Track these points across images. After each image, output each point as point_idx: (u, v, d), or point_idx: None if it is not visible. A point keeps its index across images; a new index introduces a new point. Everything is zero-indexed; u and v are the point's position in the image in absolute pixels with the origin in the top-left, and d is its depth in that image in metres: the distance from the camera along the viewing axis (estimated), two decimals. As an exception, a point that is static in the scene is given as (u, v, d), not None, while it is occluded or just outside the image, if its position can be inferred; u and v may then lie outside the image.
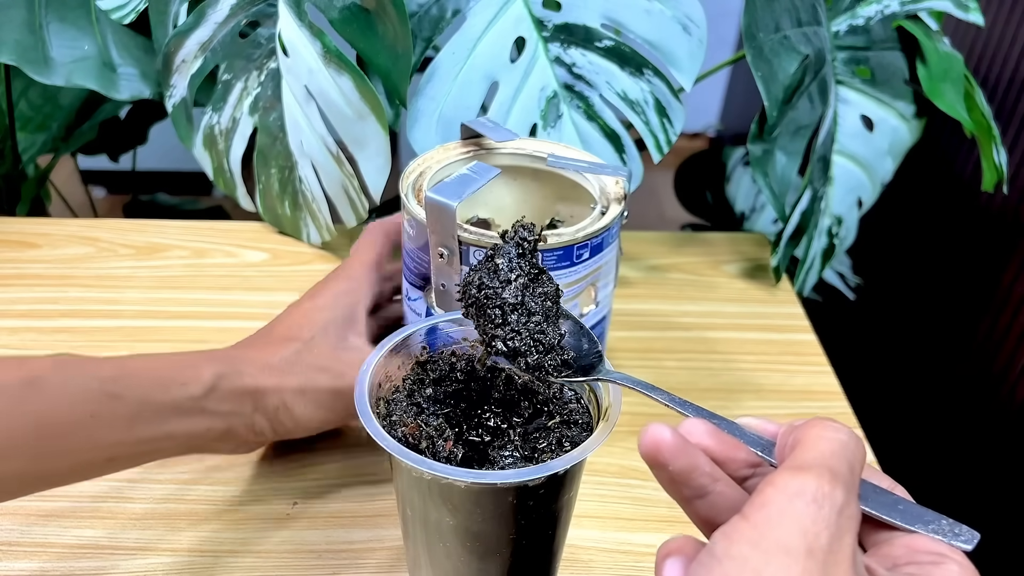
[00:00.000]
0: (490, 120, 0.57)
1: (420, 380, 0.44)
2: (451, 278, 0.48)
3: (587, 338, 0.41)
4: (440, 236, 0.46)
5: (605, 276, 0.52)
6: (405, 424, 0.40)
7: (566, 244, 0.47)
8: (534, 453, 0.40)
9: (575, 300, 0.51)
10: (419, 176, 0.52)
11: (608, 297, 0.55)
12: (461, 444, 0.40)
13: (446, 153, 0.55)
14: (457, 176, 0.47)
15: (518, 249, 0.40)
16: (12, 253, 0.72)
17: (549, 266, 0.47)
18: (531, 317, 0.39)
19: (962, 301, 0.92)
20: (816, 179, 0.73)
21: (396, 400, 0.42)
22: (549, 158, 0.53)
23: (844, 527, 0.28)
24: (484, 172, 0.47)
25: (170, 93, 0.73)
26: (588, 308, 0.53)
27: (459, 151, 0.55)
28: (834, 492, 0.28)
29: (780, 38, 0.68)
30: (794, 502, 0.27)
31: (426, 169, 0.53)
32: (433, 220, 0.46)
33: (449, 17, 0.64)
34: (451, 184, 0.46)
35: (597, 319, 0.54)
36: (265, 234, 0.77)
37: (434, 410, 0.42)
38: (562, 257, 0.48)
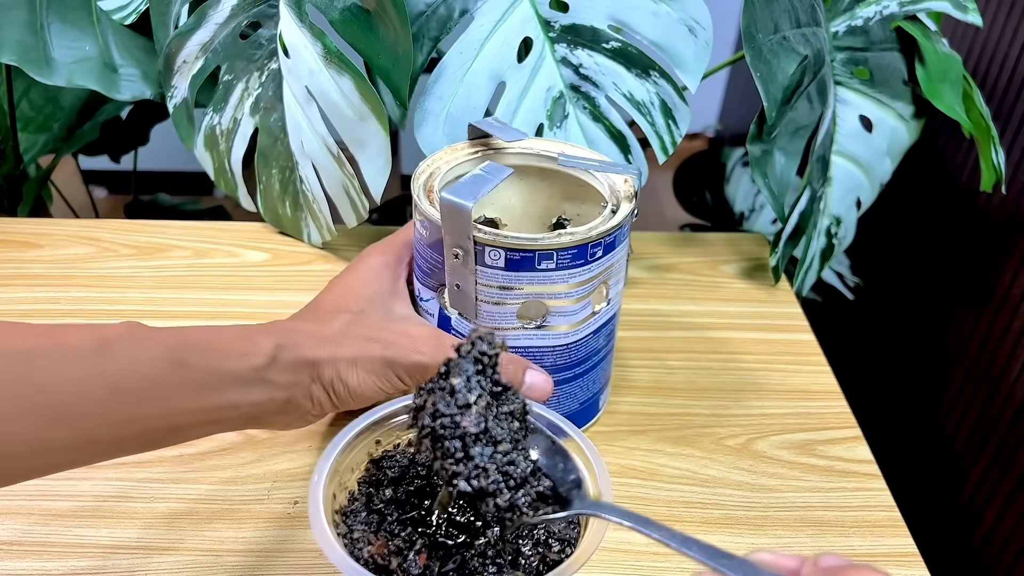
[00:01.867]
0: (497, 120, 0.57)
1: (377, 482, 0.41)
2: (466, 278, 0.49)
3: (561, 456, 0.36)
4: (455, 236, 0.47)
5: (616, 274, 0.53)
6: (370, 542, 0.37)
7: (580, 243, 0.48)
8: (519, 558, 0.38)
9: (588, 298, 0.52)
10: (429, 177, 0.53)
11: (619, 295, 0.55)
12: (436, 557, 0.37)
13: (455, 154, 0.55)
14: (470, 176, 0.47)
15: (476, 365, 0.34)
16: (13, 253, 0.73)
17: (563, 265, 0.48)
18: (497, 447, 0.33)
19: (961, 301, 0.92)
20: (815, 179, 0.73)
21: (354, 512, 0.39)
22: (560, 157, 0.54)
23: None
24: (497, 172, 0.48)
25: (171, 94, 0.73)
26: (600, 306, 0.53)
27: (467, 151, 0.55)
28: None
29: (779, 39, 0.68)
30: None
31: (435, 170, 0.53)
32: (448, 221, 0.46)
33: (456, 17, 0.65)
34: (465, 184, 0.46)
35: (608, 316, 0.55)
36: (266, 234, 0.77)
37: (398, 516, 0.39)
38: (576, 255, 0.48)
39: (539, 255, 0.47)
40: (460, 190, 0.45)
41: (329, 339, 0.48)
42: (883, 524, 0.55)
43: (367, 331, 0.49)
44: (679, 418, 0.62)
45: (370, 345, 0.48)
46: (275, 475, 0.55)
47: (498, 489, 0.33)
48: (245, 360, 0.43)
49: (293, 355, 0.45)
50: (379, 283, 0.53)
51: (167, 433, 0.43)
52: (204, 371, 0.42)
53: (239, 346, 0.44)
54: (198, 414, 0.43)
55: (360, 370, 0.47)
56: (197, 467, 0.55)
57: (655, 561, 0.51)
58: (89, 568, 0.49)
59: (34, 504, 0.52)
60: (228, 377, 0.43)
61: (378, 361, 0.48)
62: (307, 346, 0.46)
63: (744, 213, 1.05)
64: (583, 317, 0.52)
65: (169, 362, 0.41)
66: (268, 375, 0.44)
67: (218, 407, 0.43)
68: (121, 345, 0.40)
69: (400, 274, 0.55)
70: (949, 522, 0.93)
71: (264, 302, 0.70)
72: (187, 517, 0.52)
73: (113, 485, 0.53)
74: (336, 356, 0.47)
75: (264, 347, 0.44)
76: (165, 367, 0.41)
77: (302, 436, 0.58)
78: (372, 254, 0.55)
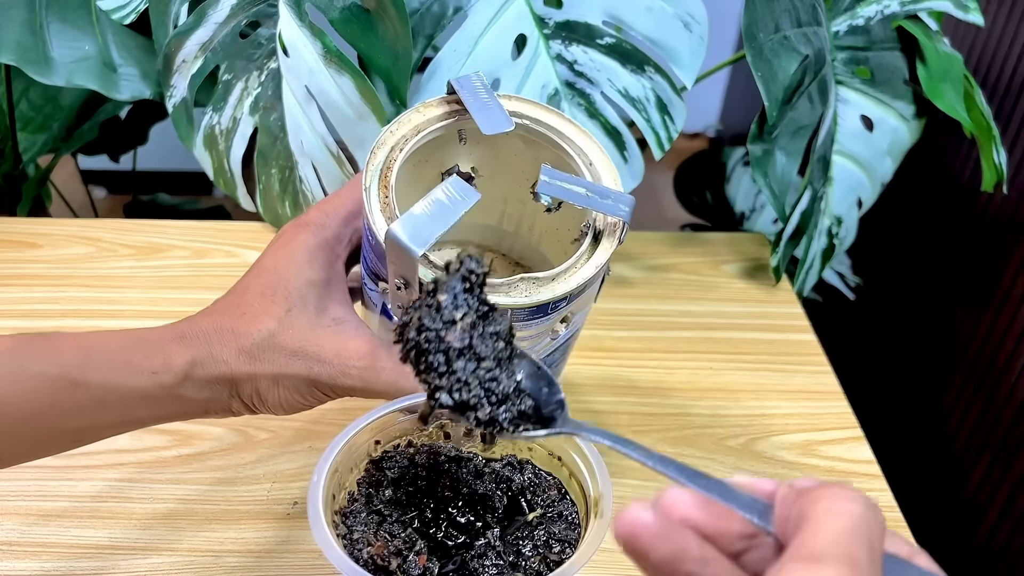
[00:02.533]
0: (482, 81, 0.46)
1: (377, 483, 0.40)
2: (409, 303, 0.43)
3: (546, 382, 0.35)
4: (400, 270, 0.40)
5: (584, 305, 0.46)
6: (370, 543, 0.37)
7: (538, 304, 0.40)
8: (519, 559, 0.37)
9: (547, 334, 0.45)
10: (390, 153, 0.44)
11: (583, 316, 0.48)
12: (436, 557, 0.37)
13: (426, 114, 0.46)
14: (431, 201, 0.39)
15: (464, 284, 0.33)
16: (13, 253, 0.72)
17: (520, 318, 0.41)
18: (480, 363, 0.33)
19: (962, 301, 0.92)
20: (816, 179, 0.73)
21: (354, 512, 0.39)
22: (539, 183, 0.43)
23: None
24: (463, 197, 0.40)
25: (171, 93, 0.73)
26: (559, 330, 0.47)
27: (441, 111, 0.46)
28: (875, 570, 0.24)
29: (780, 38, 0.68)
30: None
31: (399, 141, 0.44)
32: (394, 256, 0.39)
33: (450, 15, 0.64)
34: (420, 217, 0.38)
35: (565, 338, 0.48)
36: (266, 234, 0.77)
37: (398, 516, 0.39)
38: (535, 312, 0.41)
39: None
40: (412, 226, 0.38)
41: (249, 352, 0.43)
42: (884, 524, 0.55)
43: (292, 343, 0.44)
44: (679, 418, 0.62)
45: (293, 363, 0.43)
46: (275, 475, 0.55)
47: (479, 403, 0.33)
48: (153, 378, 0.41)
49: (209, 372, 0.42)
50: (313, 269, 0.45)
51: (66, 445, 0.41)
52: (104, 389, 0.40)
53: (148, 361, 0.41)
54: (98, 430, 0.41)
55: (282, 388, 0.44)
56: (197, 467, 0.55)
57: (656, 561, 0.51)
58: (88, 568, 0.49)
59: (33, 504, 0.52)
60: (133, 394, 0.40)
61: (302, 381, 0.44)
62: (224, 361, 0.43)
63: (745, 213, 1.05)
64: (539, 346, 0.46)
65: (62, 381, 0.38)
66: (180, 392, 0.42)
67: (121, 422, 0.41)
68: (2, 366, 0.37)
69: (338, 255, 0.47)
70: (950, 522, 0.92)
71: (264, 302, 0.69)
72: (187, 517, 0.52)
73: (112, 485, 0.53)
74: (256, 372, 0.43)
75: (175, 363, 0.41)
76: (56, 387, 0.38)
77: (302, 436, 0.58)
78: (308, 227, 0.47)
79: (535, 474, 0.42)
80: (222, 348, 0.43)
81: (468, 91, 0.45)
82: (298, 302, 0.45)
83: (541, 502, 0.40)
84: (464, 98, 0.45)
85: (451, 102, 0.46)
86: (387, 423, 0.42)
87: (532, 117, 0.47)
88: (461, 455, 0.41)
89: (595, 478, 0.38)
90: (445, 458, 0.41)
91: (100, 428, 0.41)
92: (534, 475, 0.41)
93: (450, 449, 0.42)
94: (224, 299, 0.46)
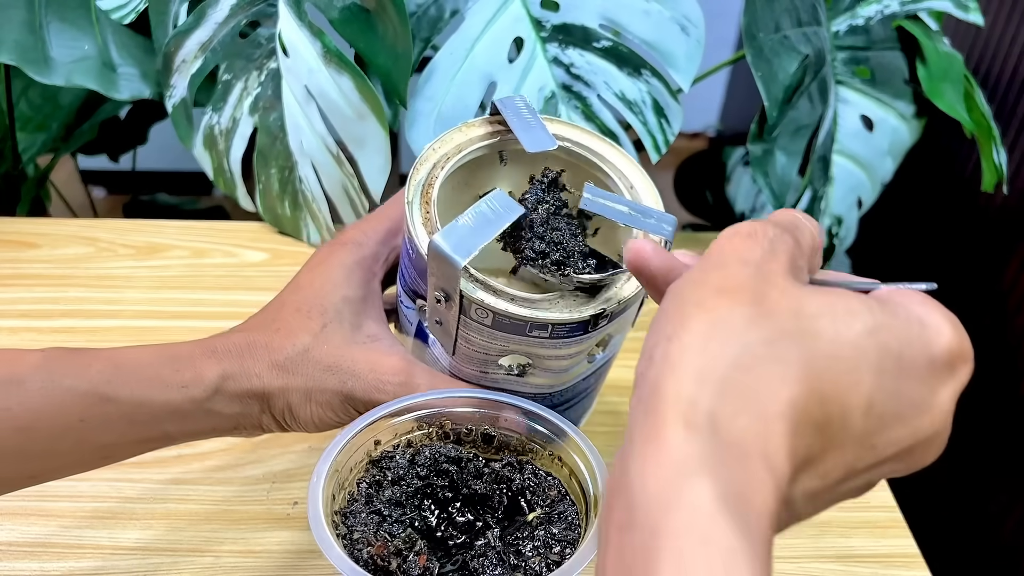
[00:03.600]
0: (526, 102, 0.47)
1: (377, 482, 0.40)
2: (448, 321, 0.43)
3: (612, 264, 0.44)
4: (441, 282, 0.41)
5: (622, 330, 0.46)
6: (370, 543, 0.37)
7: (579, 321, 0.41)
8: (519, 560, 0.37)
9: (585, 356, 0.45)
10: (432, 170, 0.44)
11: (620, 341, 0.48)
12: (436, 557, 0.37)
13: (469, 133, 0.46)
14: (474, 213, 0.40)
15: (543, 187, 0.43)
16: (12, 253, 0.72)
17: (559, 335, 0.42)
18: (554, 231, 0.42)
19: (962, 301, 0.92)
20: (816, 179, 0.73)
21: (354, 512, 0.39)
22: (583, 199, 0.42)
23: (779, 247, 0.29)
24: (506, 211, 0.41)
25: (170, 93, 0.73)
26: (596, 354, 0.47)
27: (484, 131, 0.47)
28: (766, 227, 0.30)
29: (780, 38, 0.68)
30: (730, 239, 0.30)
31: (441, 159, 0.45)
32: (435, 267, 0.40)
33: (447, 17, 0.64)
34: (463, 228, 0.39)
35: (602, 363, 0.48)
36: (265, 234, 0.77)
37: (398, 516, 0.39)
38: (574, 329, 0.42)
39: (531, 325, 0.41)
40: (454, 236, 0.39)
41: (282, 366, 0.43)
42: (884, 524, 0.55)
43: (327, 358, 0.43)
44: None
45: (327, 377, 0.43)
46: (275, 475, 0.55)
47: (552, 250, 0.42)
48: (183, 392, 0.40)
49: (241, 386, 0.42)
50: (349, 287, 0.46)
51: (95, 461, 0.41)
52: (134, 404, 0.39)
53: (178, 375, 0.40)
54: (128, 446, 0.41)
55: (314, 404, 0.43)
56: (197, 467, 0.55)
57: (655, 562, 0.51)
58: (89, 568, 0.49)
59: (33, 505, 0.52)
60: (163, 409, 0.40)
61: (335, 395, 0.43)
62: (257, 375, 0.42)
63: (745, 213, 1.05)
64: (575, 371, 0.46)
65: (92, 396, 0.38)
66: (211, 406, 0.41)
67: (150, 438, 0.41)
68: (33, 381, 0.37)
69: (375, 274, 0.47)
70: (950, 522, 0.92)
71: (263, 302, 0.69)
72: (187, 517, 0.52)
73: (112, 486, 0.53)
74: (288, 386, 0.43)
75: (207, 377, 0.41)
76: (86, 402, 0.38)
77: (302, 436, 0.58)
78: (346, 246, 0.47)
79: (535, 474, 0.41)
80: (255, 362, 0.43)
81: (511, 111, 0.46)
82: (334, 318, 0.45)
83: (541, 502, 0.40)
84: (508, 117, 0.45)
85: (494, 122, 0.47)
86: (387, 423, 0.42)
87: (574, 140, 0.47)
88: (461, 455, 0.41)
89: (595, 478, 0.38)
90: (445, 458, 0.41)
91: (129, 444, 0.41)
92: (534, 475, 0.41)
93: (450, 449, 0.42)
94: (259, 315, 0.47)
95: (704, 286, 0.29)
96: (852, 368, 0.27)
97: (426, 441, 0.43)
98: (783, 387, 0.26)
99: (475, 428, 0.43)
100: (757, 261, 0.29)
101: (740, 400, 0.26)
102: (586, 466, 0.40)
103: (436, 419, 0.43)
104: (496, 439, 0.43)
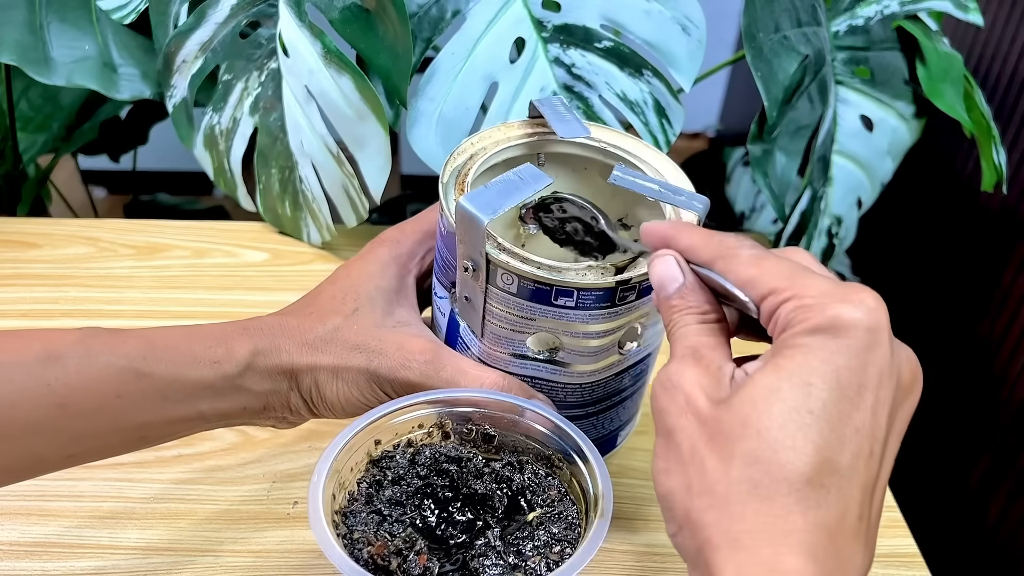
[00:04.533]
0: (562, 102, 0.49)
1: (378, 482, 0.40)
2: (476, 294, 0.43)
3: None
4: (467, 248, 0.42)
5: (656, 314, 0.46)
6: (370, 542, 0.37)
7: (605, 287, 0.41)
8: (519, 559, 0.37)
9: (614, 339, 0.45)
10: (468, 160, 0.46)
11: (658, 335, 0.48)
12: (436, 557, 0.37)
13: (507, 132, 0.48)
14: (501, 180, 0.42)
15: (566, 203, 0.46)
16: (13, 253, 0.73)
17: (585, 306, 0.42)
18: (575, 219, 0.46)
19: (961, 301, 0.92)
20: (816, 179, 0.73)
21: (354, 512, 0.39)
22: (614, 173, 0.44)
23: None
24: (534, 180, 0.42)
25: (171, 93, 0.73)
26: (630, 346, 0.47)
27: (522, 131, 0.48)
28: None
29: (780, 38, 0.68)
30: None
31: (479, 151, 0.47)
32: (463, 230, 0.41)
33: (449, 18, 0.64)
34: (490, 191, 0.41)
35: (638, 358, 0.48)
36: (265, 234, 0.77)
37: (398, 515, 0.39)
38: (601, 298, 0.42)
39: (556, 290, 0.41)
40: (481, 198, 0.40)
41: (312, 344, 0.44)
42: (884, 524, 0.55)
43: (355, 337, 0.44)
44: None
45: (354, 355, 0.44)
46: (275, 475, 0.55)
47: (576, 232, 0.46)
48: (215, 368, 0.41)
49: (271, 362, 0.43)
50: (384, 278, 0.47)
51: (132, 443, 0.41)
52: (168, 381, 0.40)
53: (210, 351, 0.41)
54: (162, 425, 0.41)
55: (340, 382, 0.44)
56: (197, 467, 0.55)
57: (655, 561, 0.51)
58: (89, 568, 0.49)
59: (34, 504, 0.52)
60: (196, 386, 0.41)
61: (361, 373, 0.44)
62: (287, 351, 0.43)
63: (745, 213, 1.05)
64: (605, 359, 0.46)
65: (128, 372, 0.39)
66: (241, 382, 0.42)
67: (185, 417, 0.41)
68: (71, 357, 0.38)
69: (409, 270, 0.49)
70: (950, 522, 0.92)
71: (263, 302, 0.69)
72: (187, 517, 0.52)
73: (113, 485, 0.53)
74: (316, 364, 0.44)
75: (238, 353, 0.42)
76: (122, 378, 0.38)
77: (302, 436, 0.58)
78: (384, 243, 0.49)
79: (535, 474, 0.42)
80: (286, 340, 0.44)
81: (548, 106, 0.48)
82: (366, 303, 0.46)
83: (541, 502, 0.40)
84: (543, 111, 0.48)
85: (534, 124, 0.49)
86: (387, 422, 0.42)
87: (609, 142, 0.49)
88: (461, 455, 0.41)
89: (595, 478, 0.38)
90: (445, 458, 0.41)
91: (164, 424, 0.41)
92: (534, 475, 0.41)
93: (450, 449, 0.42)
94: (296, 302, 0.48)
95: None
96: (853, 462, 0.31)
97: (426, 440, 0.43)
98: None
99: (475, 428, 0.43)
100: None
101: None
102: (586, 466, 0.40)
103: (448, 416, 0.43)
104: (496, 439, 0.43)
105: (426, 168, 0.64)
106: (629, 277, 0.42)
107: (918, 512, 0.68)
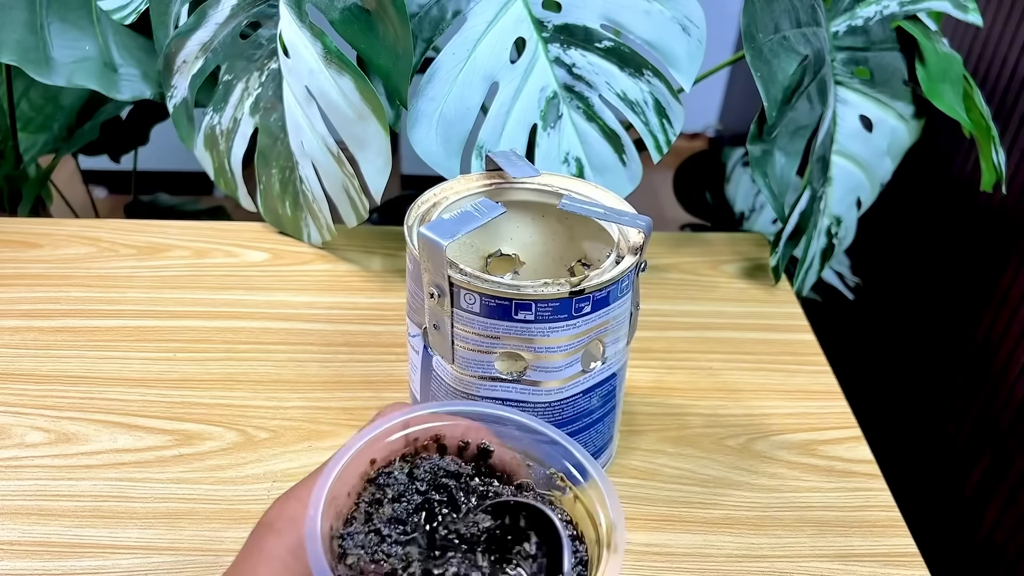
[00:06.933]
0: (515, 153, 0.55)
1: (377, 500, 0.39)
2: (443, 320, 0.46)
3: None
4: (432, 275, 0.45)
5: (615, 331, 0.49)
6: (365, 565, 0.36)
7: (559, 297, 0.45)
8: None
9: (577, 355, 0.48)
10: (431, 208, 0.51)
11: (620, 353, 0.51)
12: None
13: (467, 184, 0.53)
14: (460, 213, 0.46)
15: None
16: (13, 253, 0.73)
17: (544, 318, 0.45)
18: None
19: (961, 301, 0.92)
20: (815, 179, 0.73)
21: (352, 534, 0.37)
22: (562, 200, 0.48)
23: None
24: (488, 210, 0.46)
25: (171, 94, 0.73)
26: (594, 365, 0.50)
27: (481, 183, 0.53)
28: None
29: (779, 39, 0.69)
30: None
31: (441, 200, 0.51)
32: (425, 257, 0.45)
33: (449, 18, 0.65)
34: (448, 221, 0.45)
35: (603, 376, 0.50)
36: (266, 234, 0.77)
37: (396, 536, 0.38)
38: (558, 309, 0.45)
39: (516, 304, 0.45)
40: (440, 226, 0.44)
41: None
42: (883, 524, 0.55)
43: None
44: (678, 418, 0.62)
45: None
46: (275, 475, 0.55)
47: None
48: None
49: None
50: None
51: None
52: None
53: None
54: None
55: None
56: (197, 467, 0.55)
57: (655, 561, 0.51)
58: (89, 568, 0.49)
59: (33, 504, 0.52)
60: None
61: None
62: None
63: (744, 213, 1.05)
64: (570, 375, 0.48)
65: None
66: None
67: None
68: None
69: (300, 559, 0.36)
70: (950, 522, 0.93)
71: (264, 302, 0.70)
72: (187, 517, 0.52)
73: (113, 485, 0.53)
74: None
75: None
76: None
77: (302, 436, 0.58)
78: (274, 533, 0.38)
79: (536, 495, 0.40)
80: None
81: (503, 157, 0.53)
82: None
83: (541, 524, 0.39)
84: (499, 161, 0.53)
85: (492, 176, 0.53)
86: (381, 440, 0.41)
87: (560, 186, 0.53)
88: (460, 471, 0.41)
89: (604, 505, 0.36)
90: (444, 472, 0.41)
91: None
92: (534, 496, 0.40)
93: (448, 463, 0.41)
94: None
95: None
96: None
97: (424, 454, 0.42)
98: None
99: (471, 441, 0.42)
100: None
101: None
102: (594, 492, 0.39)
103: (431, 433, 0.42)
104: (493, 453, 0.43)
105: (426, 168, 0.64)
106: (583, 288, 0.45)
107: (917, 512, 0.68)
